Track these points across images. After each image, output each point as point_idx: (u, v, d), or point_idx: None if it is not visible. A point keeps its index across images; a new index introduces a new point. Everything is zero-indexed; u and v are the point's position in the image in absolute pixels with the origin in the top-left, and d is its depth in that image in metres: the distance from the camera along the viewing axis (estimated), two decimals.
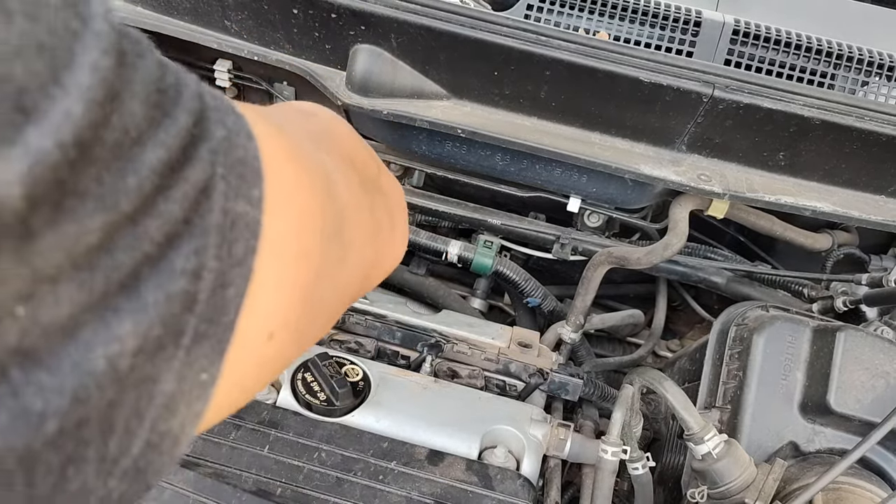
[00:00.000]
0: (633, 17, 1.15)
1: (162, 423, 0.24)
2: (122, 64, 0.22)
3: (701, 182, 0.81)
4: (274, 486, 0.69)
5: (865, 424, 0.71)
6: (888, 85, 1.11)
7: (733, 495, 0.69)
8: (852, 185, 0.86)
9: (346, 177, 0.40)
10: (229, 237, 0.25)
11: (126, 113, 0.22)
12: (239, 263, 0.26)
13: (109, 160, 0.21)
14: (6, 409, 0.19)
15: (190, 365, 0.24)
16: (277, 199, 0.29)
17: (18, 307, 0.19)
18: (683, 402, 0.72)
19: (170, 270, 0.23)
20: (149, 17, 0.89)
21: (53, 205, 0.19)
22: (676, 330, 1.19)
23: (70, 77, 0.20)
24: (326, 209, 0.34)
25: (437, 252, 0.98)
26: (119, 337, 0.21)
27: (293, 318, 0.31)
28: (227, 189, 0.25)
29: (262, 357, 0.30)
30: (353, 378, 0.80)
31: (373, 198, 0.43)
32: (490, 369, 0.89)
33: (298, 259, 0.31)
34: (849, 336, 0.73)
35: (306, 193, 0.32)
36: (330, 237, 0.35)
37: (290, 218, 0.30)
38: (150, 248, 0.22)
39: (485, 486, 0.72)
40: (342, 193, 0.37)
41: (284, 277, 0.30)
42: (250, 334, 0.27)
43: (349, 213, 0.38)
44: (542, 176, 0.92)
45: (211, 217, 0.25)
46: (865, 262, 1.02)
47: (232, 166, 0.26)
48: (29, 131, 0.19)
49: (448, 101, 0.85)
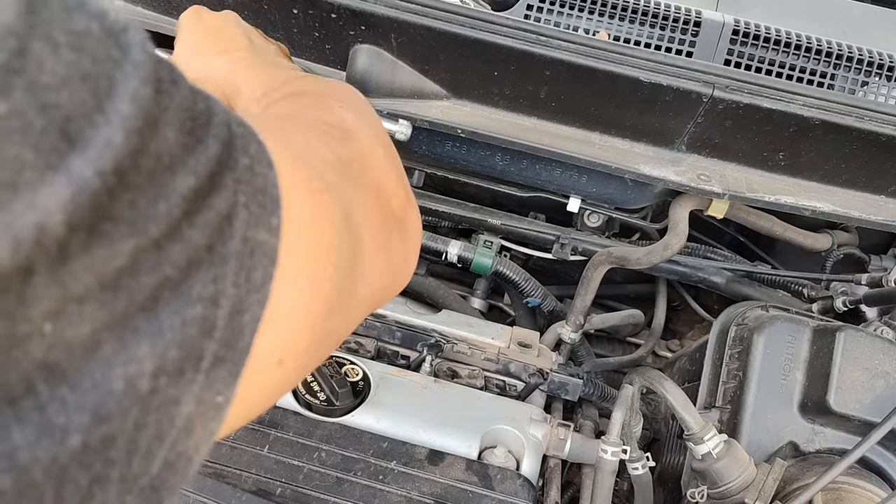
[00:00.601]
0: (633, 17, 1.15)
1: (180, 444, 0.24)
2: (159, 91, 0.22)
3: (701, 182, 0.81)
4: (274, 486, 0.69)
5: (865, 424, 0.71)
6: (888, 85, 1.11)
7: (733, 495, 0.69)
8: (852, 185, 0.86)
9: (368, 212, 0.39)
10: (248, 264, 0.26)
11: (162, 140, 0.22)
12: (256, 289, 0.27)
13: (144, 186, 0.21)
14: (32, 423, 0.19)
15: (208, 388, 0.25)
16: (294, 231, 0.29)
17: (47, 324, 0.19)
18: (683, 402, 0.72)
19: (188, 296, 0.23)
20: (149, 17, 0.89)
21: (89, 229, 0.20)
22: (676, 330, 1.19)
23: (111, 105, 0.20)
24: (342, 244, 0.34)
25: (437, 252, 0.98)
26: (137, 358, 0.22)
27: (303, 346, 0.32)
28: (249, 217, 0.26)
29: (269, 381, 0.30)
30: (352, 378, 0.80)
31: (391, 233, 0.43)
32: (490, 369, 0.89)
33: (312, 290, 0.31)
34: (848, 336, 0.73)
35: (323, 227, 0.33)
36: (344, 271, 0.35)
37: (305, 250, 0.31)
38: (171, 272, 0.23)
39: (485, 486, 0.72)
40: (361, 229, 0.37)
41: (297, 307, 0.30)
42: (261, 359, 0.28)
43: (365, 248, 0.38)
44: (542, 176, 0.92)
45: (232, 244, 0.25)
46: (865, 262, 1.02)
47: (253, 195, 0.27)
48: (73, 159, 0.19)
49: (448, 101, 0.85)
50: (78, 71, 0.20)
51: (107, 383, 0.21)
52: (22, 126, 0.18)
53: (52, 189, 0.19)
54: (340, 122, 0.44)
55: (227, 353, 0.25)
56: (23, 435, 0.19)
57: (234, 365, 0.26)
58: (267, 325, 0.27)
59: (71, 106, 0.19)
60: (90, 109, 0.20)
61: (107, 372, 0.21)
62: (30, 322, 0.19)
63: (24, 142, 0.18)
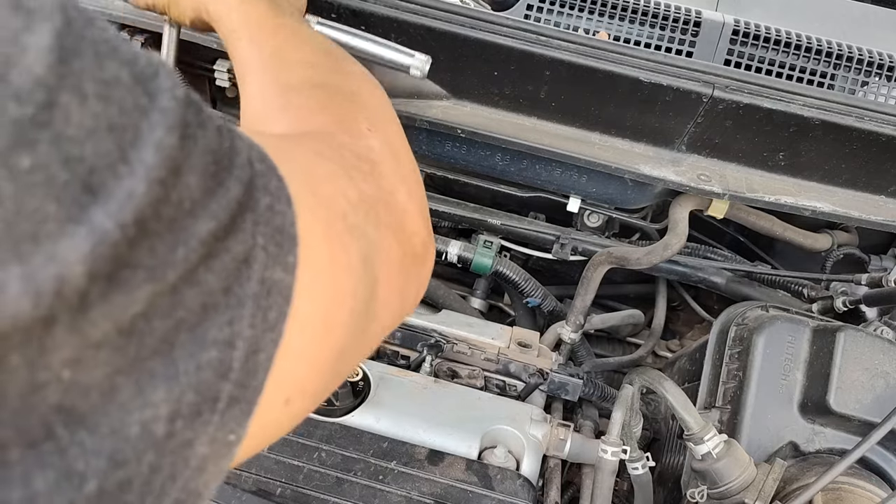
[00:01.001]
0: (633, 17, 1.15)
1: (192, 483, 0.24)
2: (185, 137, 0.22)
3: (701, 182, 0.81)
4: (274, 486, 0.69)
5: (865, 424, 0.71)
6: (888, 85, 1.11)
7: (733, 495, 0.69)
8: (852, 185, 0.86)
9: (388, 253, 0.39)
10: (264, 304, 0.26)
11: (184, 186, 0.22)
12: (271, 328, 0.26)
13: (164, 233, 0.21)
14: (53, 468, 0.19)
15: (223, 427, 0.25)
16: (310, 275, 0.29)
17: (65, 371, 0.19)
18: (683, 402, 0.72)
19: (203, 339, 0.23)
20: (149, 17, 0.89)
21: (109, 278, 0.20)
22: (676, 330, 1.19)
23: (136, 154, 0.20)
24: (359, 288, 0.34)
25: (437, 252, 0.98)
26: (153, 403, 0.22)
27: (311, 387, 0.32)
28: (267, 258, 0.26)
29: (276, 419, 0.30)
30: (352, 378, 0.80)
31: (409, 273, 0.42)
32: (490, 369, 0.89)
33: (324, 335, 0.31)
34: (848, 336, 0.73)
35: (341, 272, 0.32)
36: (358, 315, 0.34)
37: (320, 295, 0.30)
38: (186, 316, 0.23)
39: (485, 486, 0.72)
40: (379, 271, 0.37)
41: (308, 350, 0.30)
42: (270, 397, 0.28)
43: (381, 290, 0.37)
44: (542, 176, 0.92)
45: (249, 286, 0.25)
46: (865, 262, 1.02)
47: (272, 235, 0.26)
48: (94, 211, 0.19)
49: (448, 101, 0.85)
50: (105, 121, 0.20)
51: (124, 428, 0.21)
52: (45, 179, 0.18)
53: (73, 241, 0.19)
54: (367, 151, 0.42)
55: (242, 393, 0.25)
56: (44, 480, 0.19)
57: (248, 404, 0.26)
58: (277, 365, 0.27)
59: (95, 158, 0.19)
60: (114, 160, 0.20)
61: (124, 417, 0.21)
62: (49, 369, 0.19)
63: (47, 194, 0.18)
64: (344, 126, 0.44)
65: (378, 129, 0.45)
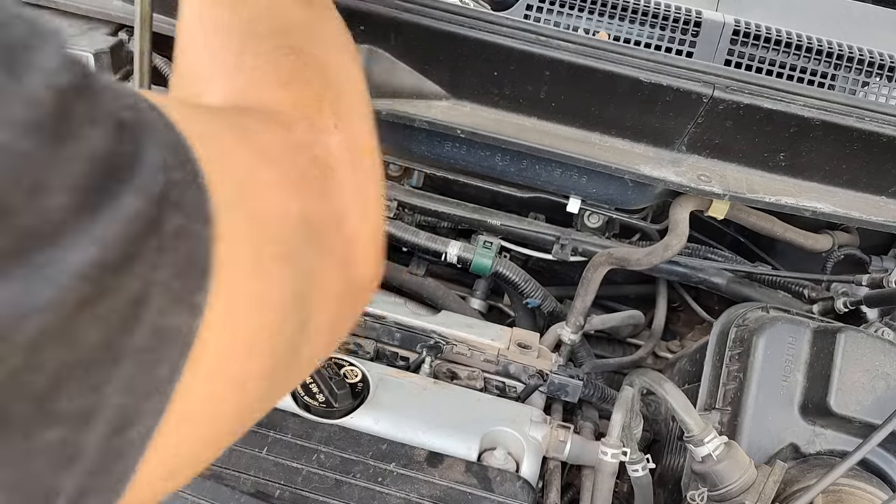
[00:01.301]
0: (633, 17, 1.15)
1: None
2: (55, 137, 0.17)
3: (701, 183, 0.81)
4: (272, 488, 0.69)
5: (866, 426, 0.70)
6: (888, 85, 1.11)
7: (733, 497, 0.69)
8: (853, 186, 0.85)
9: (326, 288, 0.33)
10: (150, 360, 0.20)
11: (41, 206, 0.16)
12: (157, 390, 0.21)
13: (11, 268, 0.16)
14: None
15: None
16: (223, 318, 0.23)
17: None
18: (683, 403, 0.72)
19: (46, 415, 0.17)
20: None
21: None
22: (676, 331, 1.19)
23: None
24: (285, 327, 0.28)
25: (437, 253, 0.98)
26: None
27: (207, 455, 0.26)
28: (166, 299, 0.20)
29: (153, 493, 0.24)
30: (351, 379, 0.80)
31: (345, 305, 0.36)
32: (489, 370, 0.89)
33: (233, 390, 0.25)
34: (849, 337, 0.73)
35: (265, 312, 0.26)
36: (279, 358, 0.28)
37: (234, 342, 0.24)
38: (33, 380, 0.17)
39: (484, 488, 0.72)
40: (312, 308, 0.31)
41: (209, 410, 0.24)
42: (146, 475, 0.22)
43: (311, 329, 0.31)
44: (542, 176, 0.92)
45: (135, 337, 0.19)
46: (866, 263, 1.02)
47: (178, 267, 0.21)
48: None
49: (448, 101, 0.85)
50: None
51: None
52: None
53: None
54: (324, 153, 0.35)
55: (98, 482, 0.20)
56: None
57: (110, 493, 0.21)
58: (163, 434, 0.22)
59: None
60: None
61: None
62: None
63: None
64: (305, 112, 0.36)
65: (343, 121, 0.38)
